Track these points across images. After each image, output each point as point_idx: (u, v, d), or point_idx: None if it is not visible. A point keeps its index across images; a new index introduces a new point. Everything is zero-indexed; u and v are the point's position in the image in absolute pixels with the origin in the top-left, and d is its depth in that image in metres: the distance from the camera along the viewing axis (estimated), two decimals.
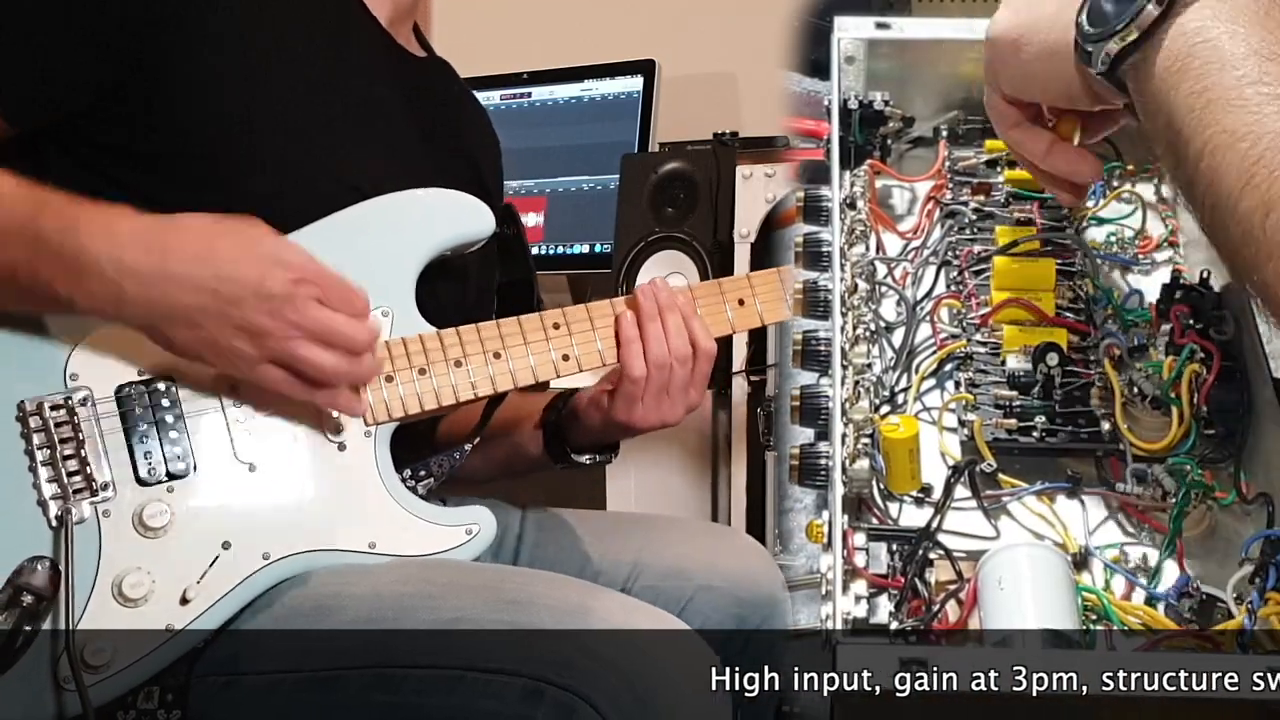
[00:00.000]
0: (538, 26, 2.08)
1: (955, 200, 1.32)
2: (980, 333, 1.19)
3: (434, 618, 1.12)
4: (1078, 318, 1.19)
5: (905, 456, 1.06)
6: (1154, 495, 1.07)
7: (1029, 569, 0.96)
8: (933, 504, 1.08)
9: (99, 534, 1.14)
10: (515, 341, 1.29)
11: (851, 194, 1.28)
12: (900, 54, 1.41)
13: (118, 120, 1.22)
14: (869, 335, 1.17)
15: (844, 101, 1.35)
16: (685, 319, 1.33)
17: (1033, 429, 1.11)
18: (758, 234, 1.99)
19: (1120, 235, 1.29)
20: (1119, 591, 1.02)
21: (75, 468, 1.15)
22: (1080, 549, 1.04)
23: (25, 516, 1.14)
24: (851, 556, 0.98)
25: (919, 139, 1.41)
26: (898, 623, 0.97)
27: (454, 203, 1.31)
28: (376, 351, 1.20)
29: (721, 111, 2.52)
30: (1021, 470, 1.10)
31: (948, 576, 1.02)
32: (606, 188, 2.40)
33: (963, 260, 1.25)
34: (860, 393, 1.11)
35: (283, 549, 1.18)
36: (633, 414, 1.33)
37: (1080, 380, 1.14)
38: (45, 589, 1.09)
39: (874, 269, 1.23)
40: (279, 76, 1.27)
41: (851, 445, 1.06)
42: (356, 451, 1.22)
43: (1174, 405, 1.10)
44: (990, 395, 1.14)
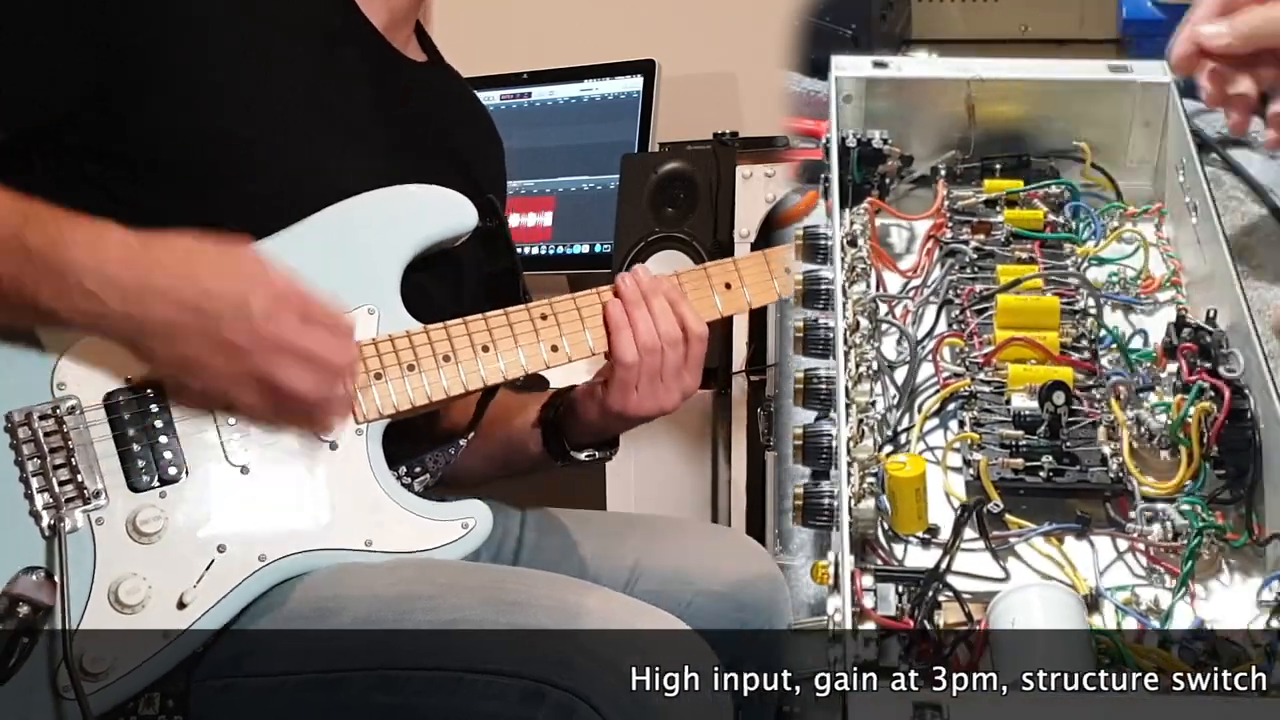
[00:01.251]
0: (538, 26, 2.08)
1: (955, 239, 1.31)
2: (984, 371, 1.17)
3: (433, 618, 1.11)
4: (1082, 357, 1.18)
5: (912, 496, 1.04)
6: (1165, 536, 1.05)
7: (1042, 610, 0.94)
8: (939, 545, 1.06)
9: (93, 542, 1.13)
10: (503, 335, 1.29)
11: (852, 232, 1.27)
12: (897, 93, 1.41)
13: (102, 126, 1.21)
14: (871, 374, 1.15)
15: (842, 139, 1.35)
16: (672, 303, 1.33)
17: (1039, 468, 1.09)
18: (758, 234, 1.99)
19: (1122, 275, 1.28)
20: (1130, 634, 1.00)
21: (66, 477, 1.14)
22: (1091, 590, 1.02)
23: (19, 528, 1.13)
24: (860, 598, 0.96)
25: (919, 178, 1.40)
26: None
27: (436, 198, 1.31)
28: (355, 371, 1.20)
29: (721, 111, 2.52)
30: (1028, 511, 1.08)
31: (956, 618, 1.00)
32: (606, 188, 2.39)
33: (964, 299, 1.24)
34: (864, 431, 1.09)
35: (278, 550, 1.17)
36: (628, 402, 1.33)
37: (1087, 419, 1.12)
38: (41, 599, 1.09)
39: (876, 307, 1.21)
40: (263, 81, 1.27)
41: (857, 484, 1.04)
42: (349, 450, 1.22)
43: (1183, 445, 1.08)
44: (995, 434, 1.12)
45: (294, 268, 1.18)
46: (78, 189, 1.20)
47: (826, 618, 0.96)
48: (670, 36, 2.56)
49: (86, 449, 1.15)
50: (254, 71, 1.26)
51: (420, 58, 1.47)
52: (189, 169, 1.22)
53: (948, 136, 1.40)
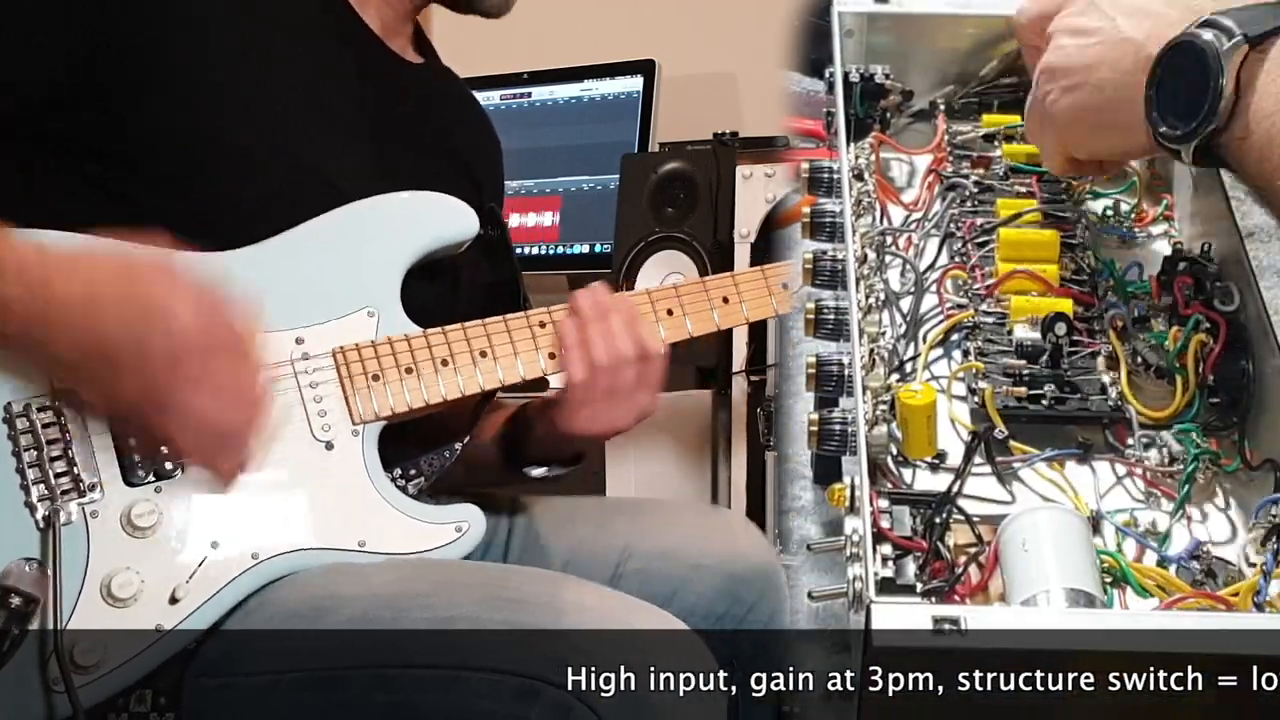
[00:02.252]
0: (538, 26, 2.08)
1: (956, 173, 1.34)
2: (986, 303, 1.21)
3: (430, 616, 1.12)
4: (1081, 289, 1.21)
5: (923, 423, 1.08)
6: (1162, 461, 1.09)
7: (1051, 531, 0.98)
8: (948, 470, 1.09)
9: (87, 534, 1.14)
10: (501, 341, 1.30)
11: (858, 166, 1.29)
12: (898, 28, 1.43)
13: (101, 126, 1.21)
14: (879, 305, 1.19)
15: (845, 74, 1.37)
16: (629, 322, 1.32)
17: (1042, 397, 1.13)
18: (758, 234, 2.00)
19: (1117, 209, 1.32)
20: (1130, 555, 1.05)
21: (63, 469, 1.15)
22: (1092, 513, 1.06)
23: (13, 519, 1.13)
24: (877, 519, 1.00)
25: (917, 112, 1.43)
26: (922, 584, 0.98)
27: (439, 205, 1.32)
28: (266, 406, 1.18)
29: (721, 111, 2.54)
30: (1031, 437, 1.12)
31: (966, 540, 1.04)
32: (606, 188, 2.40)
33: (965, 232, 1.27)
34: (875, 360, 1.12)
35: (271, 549, 1.18)
36: (577, 419, 1.31)
37: (1086, 349, 1.16)
38: (33, 590, 1.09)
39: (883, 240, 1.24)
40: (263, 81, 1.27)
41: (870, 411, 1.08)
42: (344, 451, 1.23)
43: (1179, 374, 1.13)
44: (999, 364, 1.15)
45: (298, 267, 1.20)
46: (76, 189, 1.20)
47: (844, 538, 1.00)
48: (670, 36, 2.56)
49: (84, 442, 1.15)
50: (254, 72, 1.26)
51: (418, 60, 1.47)
52: (188, 169, 1.22)
53: (947, 71, 1.42)
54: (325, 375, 1.24)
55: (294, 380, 1.23)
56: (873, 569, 0.94)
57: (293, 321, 1.24)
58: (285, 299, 1.24)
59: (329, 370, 1.24)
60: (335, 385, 1.24)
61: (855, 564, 0.96)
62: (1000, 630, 0.90)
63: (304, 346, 1.24)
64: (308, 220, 1.26)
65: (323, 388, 1.24)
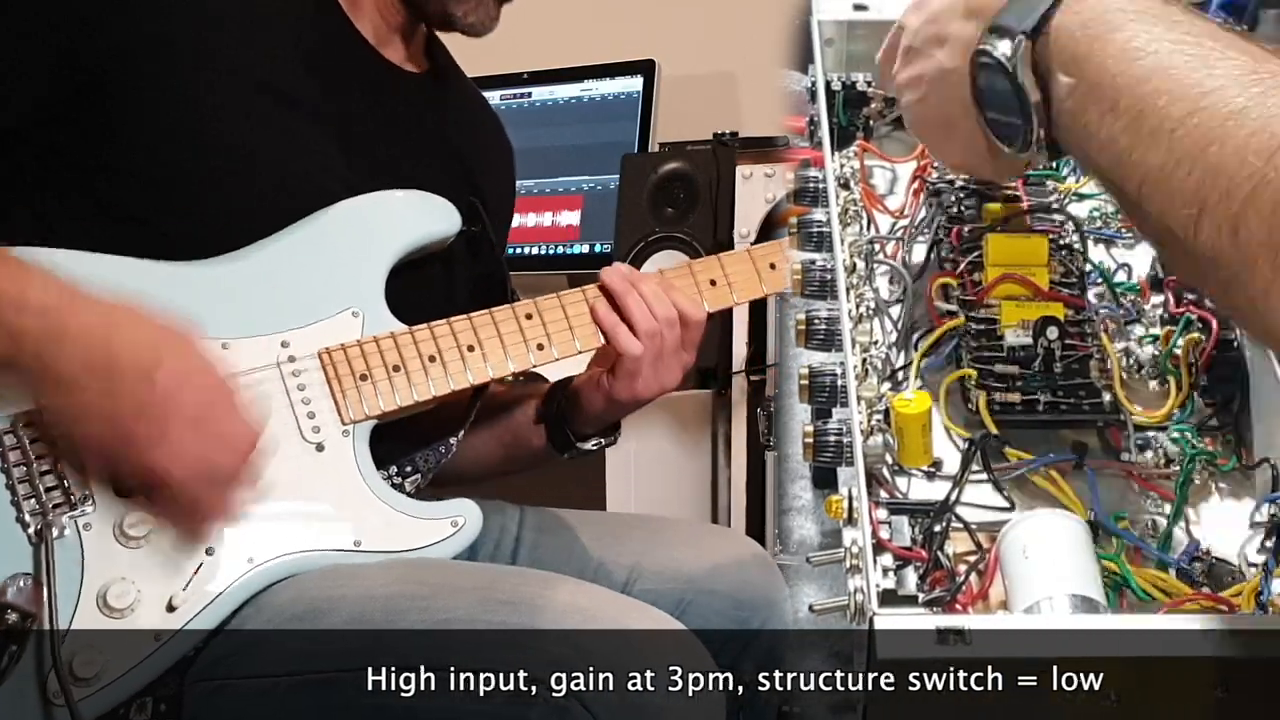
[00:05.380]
0: (538, 26, 2.08)
1: (941, 179, 1.33)
2: (976, 309, 1.20)
3: (426, 618, 1.12)
4: (1071, 292, 1.21)
5: (918, 431, 1.07)
6: (1158, 463, 1.09)
7: (1053, 537, 0.97)
8: (944, 478, 1.09)
9: (81, 547, 1.14)
10: (489, 335, 1.30)
11: (843, 175, 1.29)
12: (878, 35, 1.42)
13: (94, 134, 1.21)
14: (870, 313, 1.18)
15: (828, 83, 1.36)
16: (664, 287, 1.36)
17: (1036, 402, 1.12)
18: (758, 234, 2.00)
19: (1103, 210, 1.32)
20: (1130, 558, 1.04)
21: (53, 483, 1.14)
22: (1090, 517, 1.05)
23: (6, 535, 1.13)
24: (876, 530, 0.99)
25: (897, 118, 1.42)
26: (924, 594, 0.98)
27: (420, 202, 1.32)
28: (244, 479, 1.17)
29: (721, 111, 2.54)
30: (1026, 442, 1.11)
31: (965, 548, 1.03)
32: (606, 188, 2.39)
33: (952, 238, 1.27)
34: (869, 370, 1.12)
35: (266, 552, 1.18)
36: (635, 387, 1.35)
37: (1078, 353, 1.15)
38: (28, 605, 1.09)
39: (871, 248, 1.24)
40: (257, 89, 1.27)
41: (865, 422, 1.07)
42: (335, 451, 1.23)
43: (1172, 375, 1.12)
44: (991, 370, 1.15)
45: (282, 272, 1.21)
46: (69, 196, 1.20)
47: (844, 550, 0.99)
48: (670, 36, 2.57)
49: (73, 455, 1.15)
50: (246, 80, 1.26)
51: (417, 68, 1.47)
52: (181, 177, 1.22)
53: None
54: (312, 377, 1.24)
55: (281, 384, 1.22)
56: (874, 581, 0.94)
57: (277, 325, 1.24)
58: (269, 303, 1.24)
59: (316, 372, 1.24)
60: (323, 387, 1.24)
61: (856, 576, 0.96)
62: (1005, 638, 0.89)
63: (289, 349, 1.24)
64: (291, 225, 1.26)
65: (310, 390, 1.23)
